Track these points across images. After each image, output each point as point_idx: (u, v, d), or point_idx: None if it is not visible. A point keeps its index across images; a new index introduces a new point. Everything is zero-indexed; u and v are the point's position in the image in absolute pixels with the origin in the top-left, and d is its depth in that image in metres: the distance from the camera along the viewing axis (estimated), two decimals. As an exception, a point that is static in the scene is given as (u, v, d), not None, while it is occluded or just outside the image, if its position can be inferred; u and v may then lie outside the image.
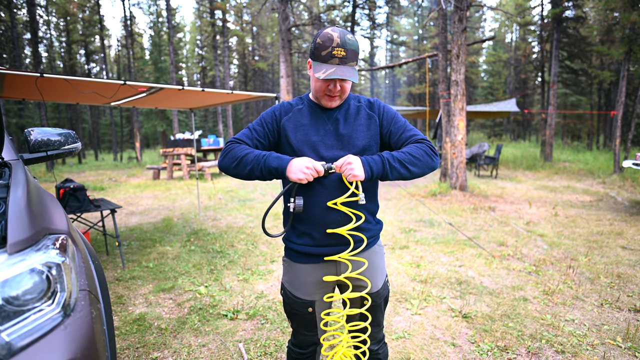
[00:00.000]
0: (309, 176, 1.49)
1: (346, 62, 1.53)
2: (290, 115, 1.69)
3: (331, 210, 1.59)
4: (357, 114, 1.69)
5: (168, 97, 5.83)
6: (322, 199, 1.59)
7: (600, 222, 6.61)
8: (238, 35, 37.43)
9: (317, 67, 1.55)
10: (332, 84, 1.57)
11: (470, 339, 2.97)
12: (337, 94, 1.61)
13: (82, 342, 1.10)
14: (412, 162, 1.55)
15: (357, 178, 1.48)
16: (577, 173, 13.64)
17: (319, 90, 1.62)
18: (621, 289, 3.90)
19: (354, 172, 1.47)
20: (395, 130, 1.68)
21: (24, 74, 3.73)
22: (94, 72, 37.80)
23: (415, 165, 1.55)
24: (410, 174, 1.55)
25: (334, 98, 1.62)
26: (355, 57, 1.57)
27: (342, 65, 1.52)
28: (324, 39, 1.53)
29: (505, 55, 37.12)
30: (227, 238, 5.92)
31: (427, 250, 5.22)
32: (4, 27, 24.18)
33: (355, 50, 1.55)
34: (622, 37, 13.70)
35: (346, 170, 1.49)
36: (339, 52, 1.51)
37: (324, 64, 1.53)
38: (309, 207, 1.62)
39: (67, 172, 17.98)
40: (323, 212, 1.60)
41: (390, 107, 1.77)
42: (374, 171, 1.50)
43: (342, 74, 1.51)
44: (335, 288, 1.82)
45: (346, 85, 1.60)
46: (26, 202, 1.33)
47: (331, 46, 1.51)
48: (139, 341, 2.99)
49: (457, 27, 9.15)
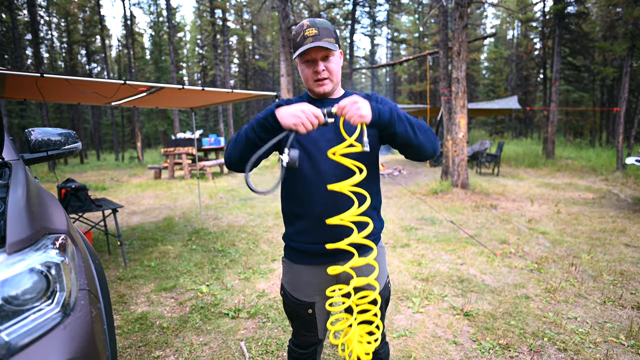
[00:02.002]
0: (305, 120, 1.33)
1: (320, 38, 1.50)
2: None
3: (331, 206, 1.56)
4: None
5: (169, 96, 5.83)
6: (321, 194, 1.56)
7: (603, 220, 6.59)
8: (238, 34, 37.42)
9: (295, 53, 1.55)
10: (315, 65, 1.55)
11: (472, 337, 2.96)
12: (325, 75, 1.57)
13: (82, 342, 1.10)
14: (419, 127, 1.49)
15: (364, 119, 1.33)
16: (579, 170, 13.60)
17: (308, 78, 1.59)
18: (624, 286, 3.89)
19: (361, 111, 1.32)
20: None
21: (25, 75, 3.74)
22: (95, 72, 37.81)
23: (421, 132, 1.48)
24: (415, 137, 1.46)
25: (323, 82, 1.58)
26: (329, 33, 1.53)
27: (316, 41, 1.50)
28: (296, 29, 1.56)
29: (507, 52, 37.06)
30: (228, 237, 5.93)
31: (429, 249, 5.21)
32: (5, 28, 24.21)
33: (327, 27, 1.54)
34: (625, 33, 13.64)
35: (351, 109, 1.34)
36: (310, 32, 1.50)
37: (301, 47, 1.52)
38: (307, 204, 1.59)
39: (69, 172, 18.01)
40: (322, 207, 1.57)
41: (389, 99, 1.69)
42: (381, 115, 1.38)
43: (316, 42, 1.49)
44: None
45: (331, 65, 1.57)
46: (25, 201, 1.32)
47: (302, 30, 1.52)
48: (140, 340, 3.00)
49: (458, 24, 9.12)
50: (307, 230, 1.62)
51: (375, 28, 35.64)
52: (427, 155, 1.55)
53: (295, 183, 1.61)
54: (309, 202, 1.59)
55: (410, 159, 1.59)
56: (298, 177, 1.59)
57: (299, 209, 1.62)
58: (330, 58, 1.57)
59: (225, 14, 29.83)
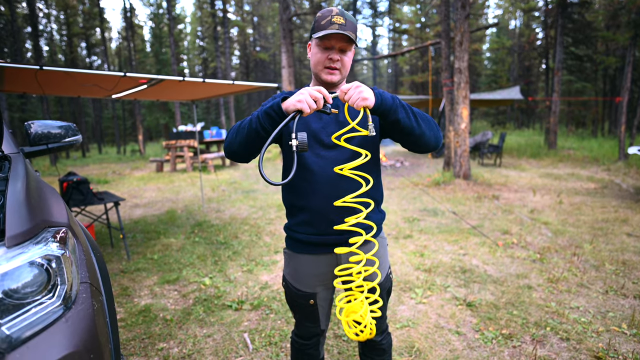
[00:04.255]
0: (308, 98, 1.33)
1: (346, 29, 1.48)
2: None
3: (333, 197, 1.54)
4: None
5: (169, 88, 5.81)
6: (323, 187, 1.56)
7: (605, 210, 6.58)
8: (239, 25, 37.17)
9: (317, 34, 1.50)
10: (332, 53, 1.53)
11: (475, 327, 2.97)
12: (338, 66, 1.55)
13: (84, 335, 1.09)
14: (421, 117, 1.48)
15: (367, 102, 1.32)
16: (581, 160, 13.55)
17: (319, 62, 1.56)
18: (626, 276, 3.88)
19: (364, 94, 1.32)
20: None
21: (24, 67, 3.71)
22: (95, 65, 37.65)
23: (423, 121, 1.48)
24: (417, 126, 1.45)
25: (334, 71, 1.56)
26: (354, 29, 1.51)
27: (341, 30, 1.48)
28: (323, 12, 1.52)
29: (509, 42, 36.71)
30: (231, 229, 5.93)
31: (431, 239, 5.21)
32: (4, 21, 24.10)
33: (353, 23, 1.52)
34: (628, 22, 13.55)
35: (354, 94, 1.33)
36: (338, 19, 1.48)
37: (324, 30, 1.48)
38: (310, 196, 1.59)
39: (71, 166, 18.04)
40: (324, 201, 1.56)
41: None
42: (384, 99, 1.37)
43: (342, 30, 1.47)
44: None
45: (346, 59, 1.56)
46: (25, 195, 1.32)
47: (330, 15, 1.49)
48: (144, 332, 3.01)
49: (460, 14, 9.04)
50: (308, 221, 1.62)
51: (377, 18, 35.40)
52: (430, 147, 1.53)
53: (297, 175, 1.59)
54: (311, 194, 1.58)
55: (413, 150, 1.56)
56: (300, 169, 1.57)
57: (301, 200, 1.61)
58: (347, 52, 1.56)
59: (226, 6, 29.63)
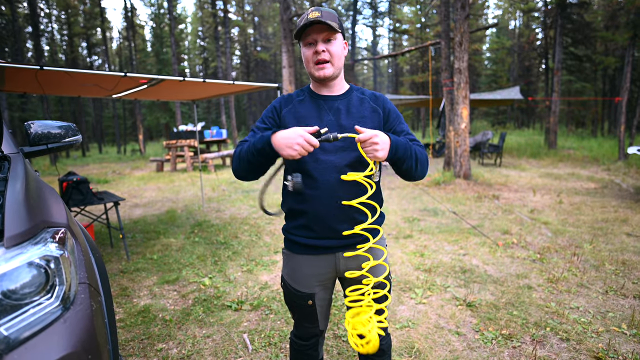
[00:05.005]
0: (302, 151, 1.40)
1: (322, 19, 1.50)
2: (291, 107, 1.66)
3: (333, 205, 1.56)
4: (360, 105, 1.65)
5: (170, 88, 5.81)
6: (322, 193, 1.57)
7: (605, 209, 6.57)
8: (240, 25, 37.17)
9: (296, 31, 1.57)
10: (314, 47, 1.56)
11: (475, 328, 2.96)
12: (326, 57, 1.56)
13: (82, 335, 1.09)
14: (421, 162, 1.60)
15: (379, 159, 1.43)
16: (581, 160, 13.55)
17: (308, 60, 1.59)
18: (626, 276, 3.88)
19: (379, 153, 1.41)
20: (399, 131, 1.67)
21: (24, 67, 3.72)
22: (96, 65, 37.68)
23: (421, 166, 1.60)
24: (414, 171, 1.59)
25: (323, 65, 1.57)
26: (333, 18, 1.54)
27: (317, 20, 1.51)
28: (301, 16, 1.58)
29: (509, 42, 36.70)
30: (230, 229, 5.93)
31: (431, 239, 5.21)
32: (5, 20, 24.12)
33: (331, 12, 1.55)
34: (627, 22, 13.56)
35: (370, 148, 1.42)
36: (314, 15, 1.51)
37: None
38: (309, 201, 1.59)
39: (71, 165, 18.04)
40: (323, 206, 1.57)
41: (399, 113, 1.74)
42: (397, 152, 1.48)
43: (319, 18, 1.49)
44: (335, 280, 1.79)
45: (332, 48, 1.56)
46: (24, 195, 1.31)
47: (306, 15, 1.54)
48: (143, 333, 3.01)
49: (459, 14, 9.04)
50: (307, 225, 1.63)
51: (377, 19, 35.43)
52: (417, 180, 1.68)
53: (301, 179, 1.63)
54: (310, 199, 1.59)
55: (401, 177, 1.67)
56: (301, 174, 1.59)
57: (301, 205, 1.62)
58: (332, 41, 1.57)
59: (227, 5, 29.60)
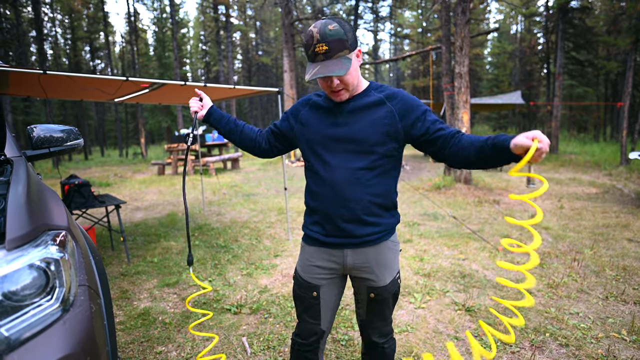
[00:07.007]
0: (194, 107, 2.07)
1: (331, 55, 1.49)
2: (308, 108, 1.76)
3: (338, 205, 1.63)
4: (374, 106, 1.63)
5: (171, 92, 5.84)
6: (328, 192, 1.64)
7: (606, 215, 6.57)
8: (241, 30, 37.36)
9: (308, 68, 1.56)
10: (328, 80, 1.55)
11: (474, 333, 2.97)
12: (338, 88, 1.57)
13: (82, 337, 1.11)
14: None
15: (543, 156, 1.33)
16: (583, 165, 13.54)
17: (323, 88, 1.63)
18: (627, 281, 3.88)
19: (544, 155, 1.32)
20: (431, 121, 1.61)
21: (28, 71, 3.74)
22: (99, 69, 37.86)
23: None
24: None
25: (338, 93, 1.60)
26: (342, 45, 1.50)
27: (327, 60, 1.49)
28: (307, 38, 1.52)
29: (510, 47, 36.75)
30: (231, 233, 5.94)
31: (431, 244, 5.21)
32: (10, 24, 24.25)
33: (340, 38, 1.49)
34: (629, 27, 13.58)
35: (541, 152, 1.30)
36: (321, 48, 1.48)
37: (312, 63, 1.54)
38: (319, 200, 1.69)
39: (74, 169, 18.09)
40: (330, 205, 1.65)
41: (414, 97, 1.66)
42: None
43: (325, 71, 1.48)
44: (344, 279, 1.84)
45: (345, 77, 1.54)
46: (26, 198, 1.33)
47: (313, 44, 1.49)
48: (143, 335, 3.02)
49: (460, 19, 9.08)
50: (319, 222, 1.72)
51: (378, 23, 35.48)
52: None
53: (310, 179, 1.74)
54: (320, 198, 1.68)
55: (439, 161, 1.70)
56: (313, 174, 1.71)
57: (313, 202, 1.72)
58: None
59: (229, 10, 29.73)
